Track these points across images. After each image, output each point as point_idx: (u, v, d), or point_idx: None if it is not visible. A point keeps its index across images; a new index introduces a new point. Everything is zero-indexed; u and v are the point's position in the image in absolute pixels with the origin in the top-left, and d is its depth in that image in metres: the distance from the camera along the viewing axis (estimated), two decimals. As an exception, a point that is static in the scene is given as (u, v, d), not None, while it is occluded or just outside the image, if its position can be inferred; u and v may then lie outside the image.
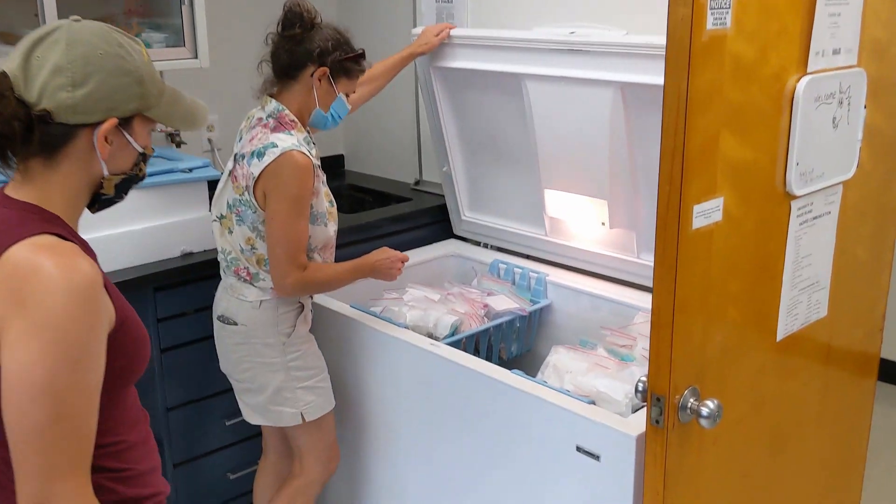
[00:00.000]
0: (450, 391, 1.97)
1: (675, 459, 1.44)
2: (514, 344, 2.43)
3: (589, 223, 2.39)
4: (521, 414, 1.81)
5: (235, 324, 2.04)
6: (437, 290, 2.43)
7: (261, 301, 2.02)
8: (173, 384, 2.33)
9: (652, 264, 2.35)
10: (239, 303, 2.04)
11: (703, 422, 1.41)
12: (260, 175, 1.92)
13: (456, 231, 2.84)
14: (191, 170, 2.33)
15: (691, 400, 1.42)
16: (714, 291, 1.45)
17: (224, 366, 2.16)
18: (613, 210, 2.30)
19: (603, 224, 2.34)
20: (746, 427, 1.63)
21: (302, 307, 2.09)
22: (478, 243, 2.78)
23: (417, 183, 3.11)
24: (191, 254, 2.35)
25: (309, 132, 2.06)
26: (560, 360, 1.96)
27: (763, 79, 1.42)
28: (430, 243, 2.78)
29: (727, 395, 1.52)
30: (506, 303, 2.39)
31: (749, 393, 1.61)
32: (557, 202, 2.45)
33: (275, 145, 1.92)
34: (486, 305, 2.35)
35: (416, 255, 2.64)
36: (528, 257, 2.65)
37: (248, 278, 2.02)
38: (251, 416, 2.15)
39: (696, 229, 1.37)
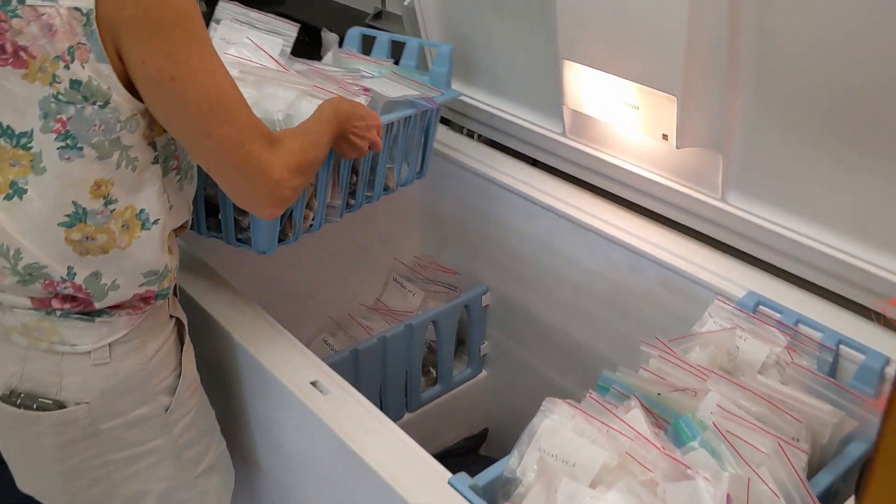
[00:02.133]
0: (348, 484, 1.07)
1: None
2: (403, 163, 1.46)
3: (638, 131, 1.36)
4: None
5: (61, 405, 1.02)
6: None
7: (110, 344, 1.01)
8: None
9: (746, 214, 1.30)
10: (59, 362, 1.01)
11: None
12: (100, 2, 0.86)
13: (427, 106, 1.81)
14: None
15: None
16: None
17: (32, 485, 1.12)
18: (687, 114, 1.25)
19: (665, 137, 1.30)
20: None
21: (179, 324, 1.11)
22: (461, 129, 1.76)
23: (378, 15, 2.03)
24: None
25: None
26: (555, 444, 1.00)
27: None
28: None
29: None
30: (399, 88, 1.39)
31: None
32: (586, 86, 1.39)
33: None
34: (367, 90, 1.32)
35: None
36: (535, 164, 1.63)
37: (79, 297, 0.98)
38: None
39: None
